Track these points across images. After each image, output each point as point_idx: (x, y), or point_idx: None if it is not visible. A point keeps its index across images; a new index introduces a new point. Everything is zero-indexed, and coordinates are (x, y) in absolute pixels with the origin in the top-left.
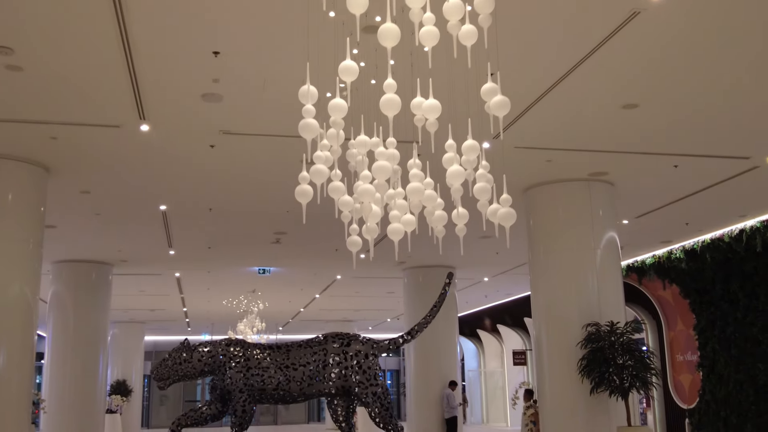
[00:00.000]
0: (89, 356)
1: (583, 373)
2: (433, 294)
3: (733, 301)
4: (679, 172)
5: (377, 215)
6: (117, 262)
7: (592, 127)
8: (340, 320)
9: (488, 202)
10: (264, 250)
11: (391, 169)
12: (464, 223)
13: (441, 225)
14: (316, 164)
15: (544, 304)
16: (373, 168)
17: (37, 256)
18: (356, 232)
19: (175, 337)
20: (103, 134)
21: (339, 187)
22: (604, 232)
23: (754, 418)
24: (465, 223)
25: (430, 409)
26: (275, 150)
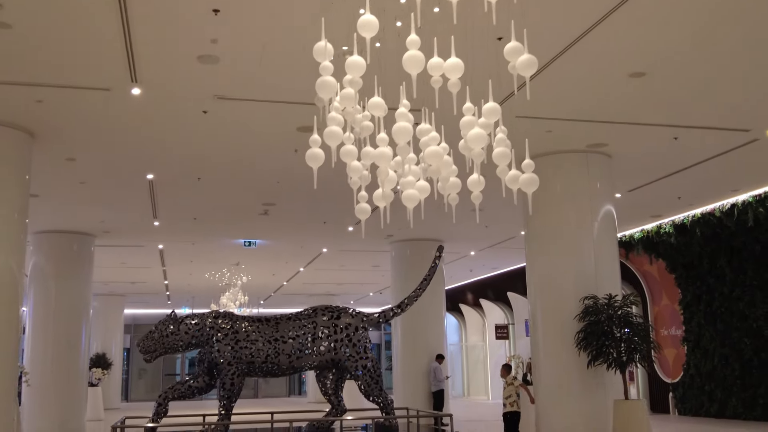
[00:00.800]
0: (71, 329)
1: (580, 346)
2: (420, 267)
3: (719, 276)
4: (678, 145)
5: (393, 180)
6: (99, 233)
7: (596, 96)
8: (322, 294)
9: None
10: (251, 222)
11: (413, 130)
12: (480, 191)
13: (455, 192)
14: (329, 126)
15: (539, 277)
16: (394, 129)
17: (22, 226)
18: (365, 200)
19: (154, 311)
20: (92, 98)
21: (352, 150)
22: (601, 205)
23: (739, 392)
24: (481, 190)
25: (417, 382)
26: (269, 117)
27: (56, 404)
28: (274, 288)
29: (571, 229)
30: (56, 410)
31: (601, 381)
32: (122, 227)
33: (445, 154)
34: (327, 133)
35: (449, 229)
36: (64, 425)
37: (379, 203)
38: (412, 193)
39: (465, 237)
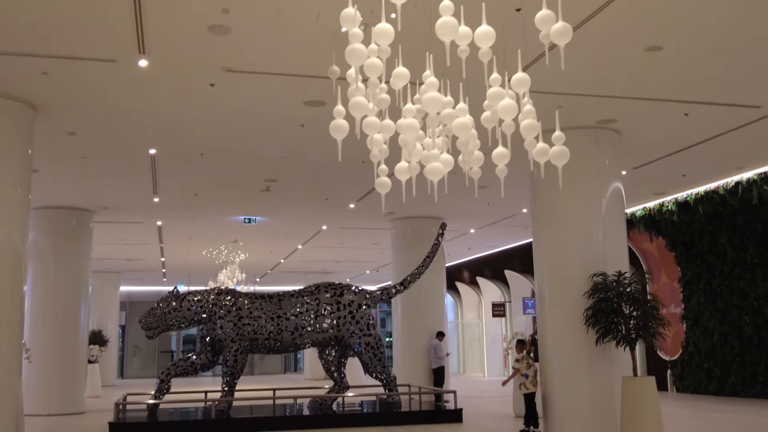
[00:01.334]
0: (70, 306)
1: (589, 323)
2: (420, 245)
3: (720, 254)
4: (688, 121)
5: (419, 153)
6: (98, 209)
7: (609, 71)
8: (319, 272)
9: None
10: (252, 199)
11: (444, 100)
12: (505, 164)
13: (477, 166)
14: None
15: (547, 254)
16: (424, 99)
17: (25, 201)
18: (385, 174)
19: (150, 288)
20: (98, 69)
21: (374, 122)
22: (609, 181)
23: (739, 369)
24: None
25: (417, 359)
26: (277, 91)
27: (56, 381)
28: (271, 266)
29: (580, 205)
30: (57, 387)
31: (609, 358)
32: (121, 203)
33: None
34: (353, 104)
35: (450, 207)
36: (65, 402)
37: (401, 176)
38: (436, 167)
39: (465, 214)
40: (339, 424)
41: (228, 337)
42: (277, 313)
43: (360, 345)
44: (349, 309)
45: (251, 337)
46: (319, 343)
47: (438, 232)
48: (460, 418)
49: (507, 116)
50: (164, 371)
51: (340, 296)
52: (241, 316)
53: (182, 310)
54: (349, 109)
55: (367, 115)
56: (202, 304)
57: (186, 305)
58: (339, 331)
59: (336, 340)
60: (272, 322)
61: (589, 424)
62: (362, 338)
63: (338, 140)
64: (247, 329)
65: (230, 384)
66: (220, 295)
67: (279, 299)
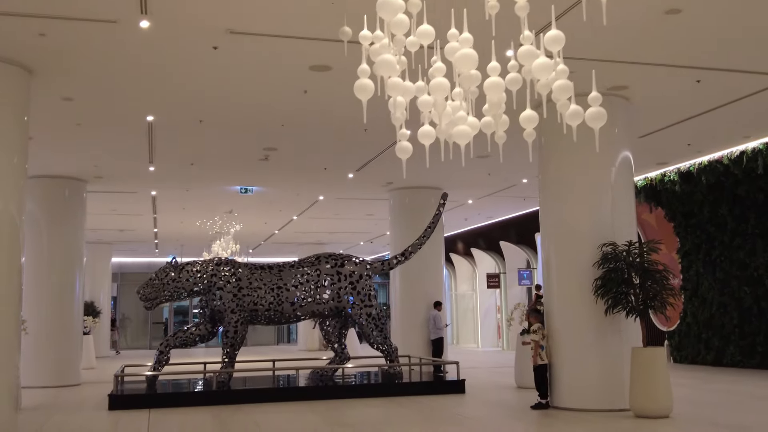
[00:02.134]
0: (65, 277)
1: (598, 294)
2: (419, 215)
3: (720, 224)
4: (699, 88)
5: (448, 115)
6: (91, 179)
7: (624, 36)
8: (313, 243)
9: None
10: (249, 168)
11: (477, 58)
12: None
13: (502, 130)
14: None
15: (554, 224)
16: (456, 57)
17: (22, 171)
18: (406, 138)
19: (141, 259)
20: (97, 30)
21: (398, 83)
22: (619, 150)
23: (737, 340)
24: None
25: (415, 330)
26: (283, 54)
27: (52, 353)
28: (264, 237)
29: (588, 174)
30: (52, 359)
31: (617, 329)
32: (116, 172)
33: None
34: (380, 62)
35: (449, 177)
36: (60, 374)
37: (425, 141)
38: (464, 130)
39: (465, 185)
40: (341, 395)
41: (227, 308)
42: (277, 283)
43: (361, 316)
44: (350, 280)
45: (251, 308)
46: (319, 314)
47: (439, 203)
48: (463, 389)
49: (543, 75)
50: (163, 342)
51: (341, 267)
52: (241, 286)
53: (181, 281)
54: (377, 68)
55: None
56: (201, 275)
57: (185, 276)
58: (340, 302)
59: (337, 311)
60: (272, 293)
61: (597, 395)
62: (363, 309)
63: (363, 101)
64: (246, 300)
65: (230, 355)
66: (220, 265)
67: (279, 270)
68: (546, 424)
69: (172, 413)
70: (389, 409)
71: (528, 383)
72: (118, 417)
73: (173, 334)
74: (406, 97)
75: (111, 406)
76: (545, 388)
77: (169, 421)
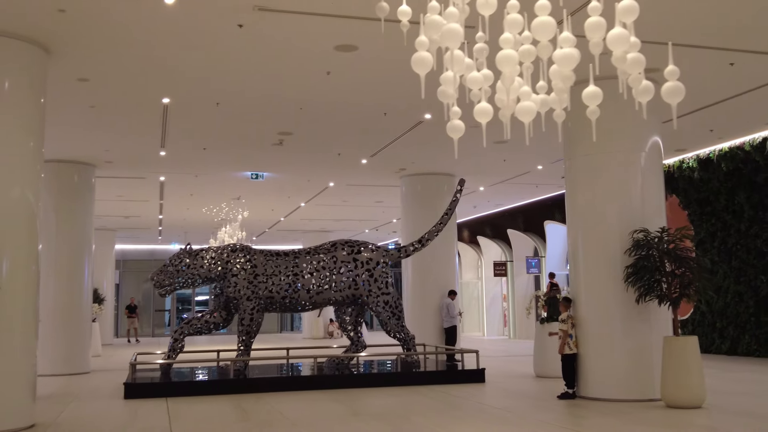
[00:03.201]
0: (74, 264)
1: (629, 282)
2: (431, 202)
3: (737, 212)
4: (730, 72)
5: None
6: (101, 164)
7: (659, 15)
8: (317, 230)
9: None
10: (262, 153)
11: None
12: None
13: (561, 108)
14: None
15: (582, 210)
16: (534, 25)
17: (38, 156)
18: (457, 116)
19: (144, 246)
20: (120, 6)
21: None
22: (648, 135)
23: (753, 329)
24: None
25: (428, 318)
26: (309, 33)
27: (62, 341)
28: (270, 224)
29: (618, 159)
30: (62, 347)
31: (646, 317)
32: (126, 157)
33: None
34: (446, 33)
35: (464, 163)
36: (70, 362)
37: (481, 119)
38: (528, 106)
39: (478, 171)
40: (359, 384)
41: (243, 296)
42: (293, 270)
43: (378, 304)
44: (367, 267)
45: (267, 296)
46: (335, 302)
47: (456, 189)
48: (483, 378)
49: (618, 47)
50: (177, 330)
51: (358, 254)
52: (257, 273)
53: (195, 268)
54: (441, 38)
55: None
56: (216, 261)
57: (199, 262)
58: (356, 289)
59: (353, 299)
60: (288, 280)
61: (626, 385)
62: (380, 297)
63: (421, 75)
64: (262, 287)
65: (246, 343)
66: (235, 252)
67: (295, 257)
68: (578, 415)
69: (189, 402)
70: (411, 398)
71: (548, 372)
72: (136, 406)
73: (187, 322)
74: (466, 72)
75: (126, 395)
76: (572, 378)
77: (189, 411)
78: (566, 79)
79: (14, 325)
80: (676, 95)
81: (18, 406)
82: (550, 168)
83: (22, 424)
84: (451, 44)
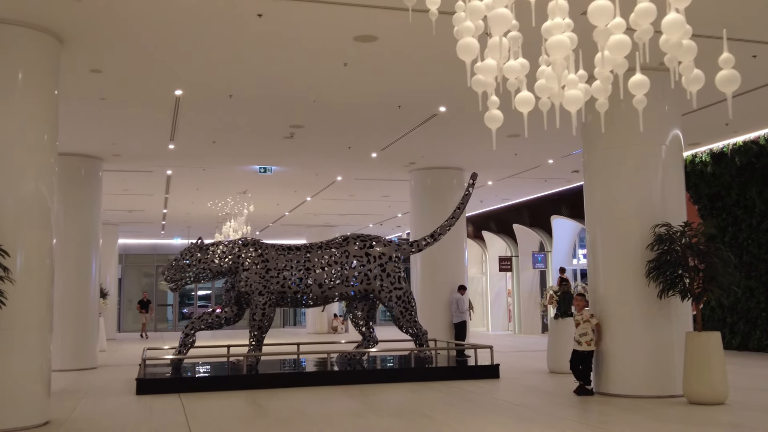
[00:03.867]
0: (82, 259)
1: (651, 276)
2: (440, 196)
3: (748, 207)
4: (753, 64)
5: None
6: (108, 157)
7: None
8: (321, 225)
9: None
10: (272, 147)
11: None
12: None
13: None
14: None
15: (601, 204)
16: (590, 8)
17: (52, 149)
18: (496, 106)
19: (145, 241)
20: None
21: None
22: (669, 127)
23: (764, 324)
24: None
25: (438, 313)
26: (327, 24)
27: (70, 335)
28: (273, 218)
29: (638, 152)
30: (70, 342)
31: (667, 312)
32: (134, 150)
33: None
34: (494, 17)
35: (473, 157)
36: (78, 357)
37: (523, 108)
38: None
39: (488, 165)
40: (372, 380)
41: (255, 290)
42: (305, 265)
43: (391, 299)
44: (379, 261)
45: (279, 290)
46: (347, 297)
47: (468, 183)
48: (497, 374)
49: (674, 33)
50: (189, 325)
51: (370, 248)
52: (269, 268)
53: (207, 262)
54: (490, 23)
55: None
56: (227, 256)
57: (210, 257)
58: (369, 284)
59: (365, 294)
60: (300, 275)
61: (647, 381)
62: (393, 291)
63: (467, 62)
64: (273, 282)
65: (258, 338)
66: (246, 246)
67: (307, 251)
68: (601, 412)
69: (202, 398)
70: (426, 394)
71: (562, 368)
72: (149, 402)
73: (198, 317)
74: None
75: (139, 390)
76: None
77: (204, 407)
78: (619, 67)
79: (29, 319)
80: (731, 83)
81: (33, 403)
82: (560, 162)
83: (37, 421)
84: (497, 30)
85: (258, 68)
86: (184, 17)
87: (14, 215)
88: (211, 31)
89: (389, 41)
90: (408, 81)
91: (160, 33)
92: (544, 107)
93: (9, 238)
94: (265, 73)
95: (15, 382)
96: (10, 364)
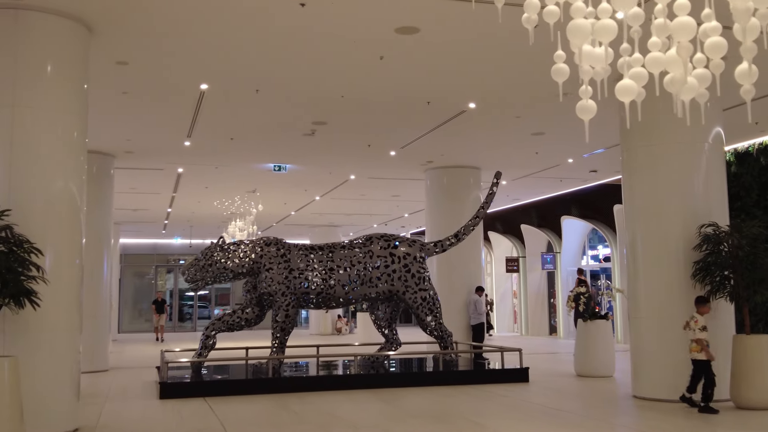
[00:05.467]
0: (95, 258)
1: (697, 278)
2: (456, 195)
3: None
4: None
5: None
6: (121, 154)
7: None
8: (325, 225)
9: None
10: (290, 144)
11: None
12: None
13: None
14: None
15: (642, 204)
16: None
17: (82, 146)
18: (588, 96)
19: (145, 241)
20: None
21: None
22: (712, 125)
23: None
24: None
25: (455, 315)
26: (371, 13)
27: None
28: (279, 218)
29: (680, 150)
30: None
31: (713, 315)
32: (147, 147)
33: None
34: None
35: (492, 156)
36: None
37: (624, 97)
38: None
39: (506, 164)
40: (399, 383)
41: (278, 291)
42: (329, 265)
43: (416, 300)
44: (404, 262)
45: (302, 291)
46: (371, 298)
47: (492, 182)
48: (527, 378)
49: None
50: (209, 326)
51: (394, 248)
52: (291, 268)
53: (228, 262)
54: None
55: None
56: (249, 255)
57: (231, 257)
58: (393, 285)
59: (389, 295)
60: (324, 275)
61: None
62: (418, 293)
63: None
64: (297, 282)
65: (281, 340)
66: (268, 245)
67: (330, 251)
68: (647, 417)
69: (229, 402)
70: (459, 398)
71: (590, 372)
72: (176, 406)
73: (219, 318)
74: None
75: (162, 395)
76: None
77: (234, 412)
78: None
79: (60, 321)
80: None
81: (63, 408)
82: (579, 161)
83: (67, 427)
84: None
85: (289, 62)
86: (222, 6)
87: (44, 214)
88: (247, 23)
89: (431, 34)
90: (442, 75)
91: (193, 23)
92: (675, 90)
93: (39, 238)
94: (296, 67)
95: (45, 387)
96: (41, 367)
